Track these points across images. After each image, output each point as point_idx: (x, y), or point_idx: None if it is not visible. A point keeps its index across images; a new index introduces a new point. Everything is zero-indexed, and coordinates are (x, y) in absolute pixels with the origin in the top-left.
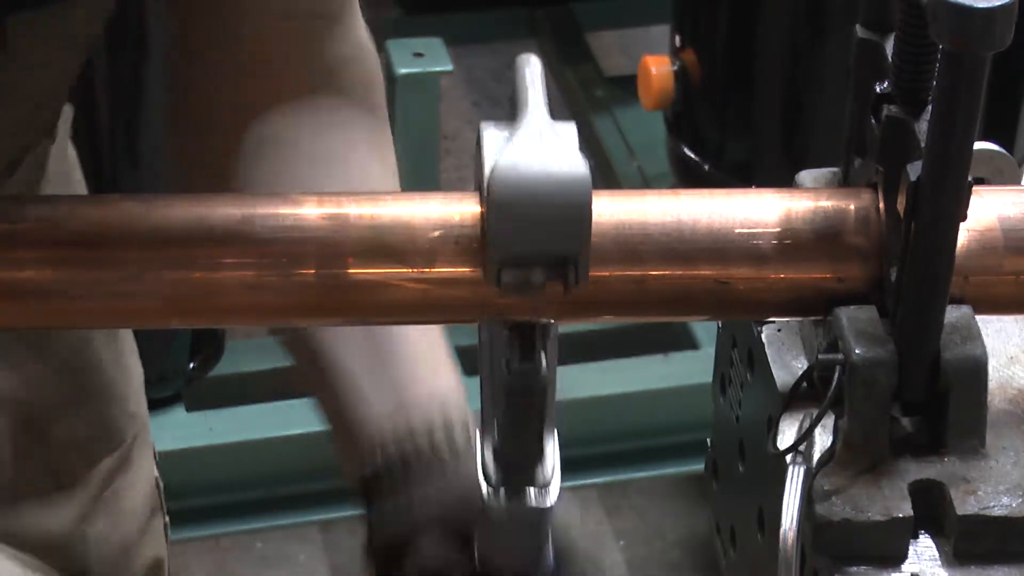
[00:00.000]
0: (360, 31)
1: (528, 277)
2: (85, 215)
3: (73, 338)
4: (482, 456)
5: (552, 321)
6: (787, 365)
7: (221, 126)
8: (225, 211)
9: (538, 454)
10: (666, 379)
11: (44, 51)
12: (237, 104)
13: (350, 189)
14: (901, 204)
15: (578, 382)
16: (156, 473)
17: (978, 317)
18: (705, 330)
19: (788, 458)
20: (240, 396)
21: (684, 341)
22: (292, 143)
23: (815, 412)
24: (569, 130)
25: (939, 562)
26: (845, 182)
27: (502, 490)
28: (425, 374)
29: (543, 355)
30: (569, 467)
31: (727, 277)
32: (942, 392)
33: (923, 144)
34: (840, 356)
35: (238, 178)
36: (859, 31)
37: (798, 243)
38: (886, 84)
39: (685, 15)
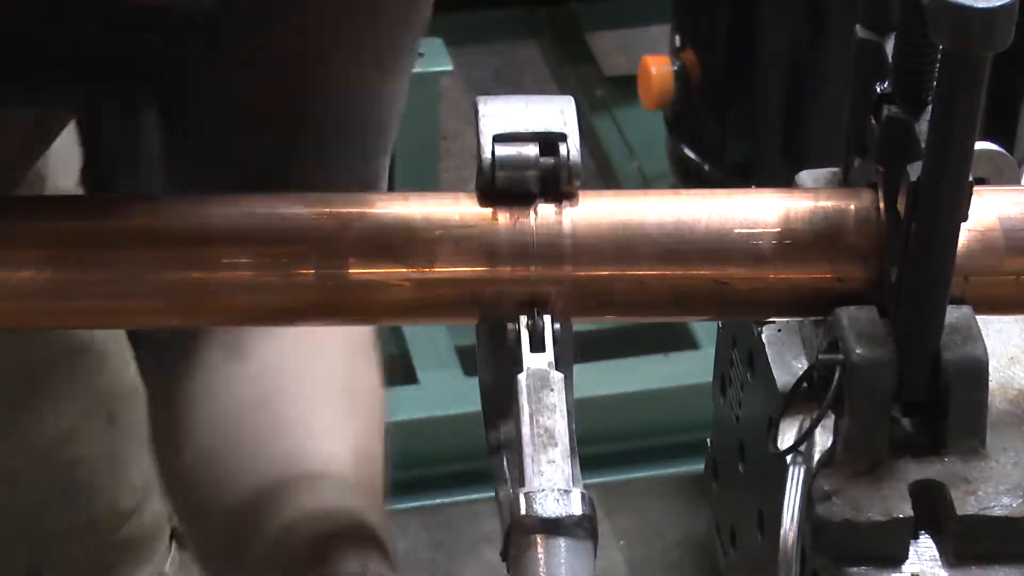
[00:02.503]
0: None
1: (522, 155)
2: (85, 215)
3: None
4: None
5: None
6: (787, 365)
7: None
8: (225, 211)
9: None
10: (666, 379)
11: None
12: None
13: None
14: (901, 204)
15: (578, 382)
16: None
17: (978, 317)
18: (705, 330)
19: (788, 458)
20: None
21: (684, 341)
22: None
23: (815, 412)
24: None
25: (939, 562)
26: (845, 182)
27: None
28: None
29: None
30: None
31: (727, 277)
32: (942, 392)
33: (923, 144)
34: (840, 356)
35: None
36: (859, 31)
37: (798, 243)
38: (886, 84)
39: (685, 15)
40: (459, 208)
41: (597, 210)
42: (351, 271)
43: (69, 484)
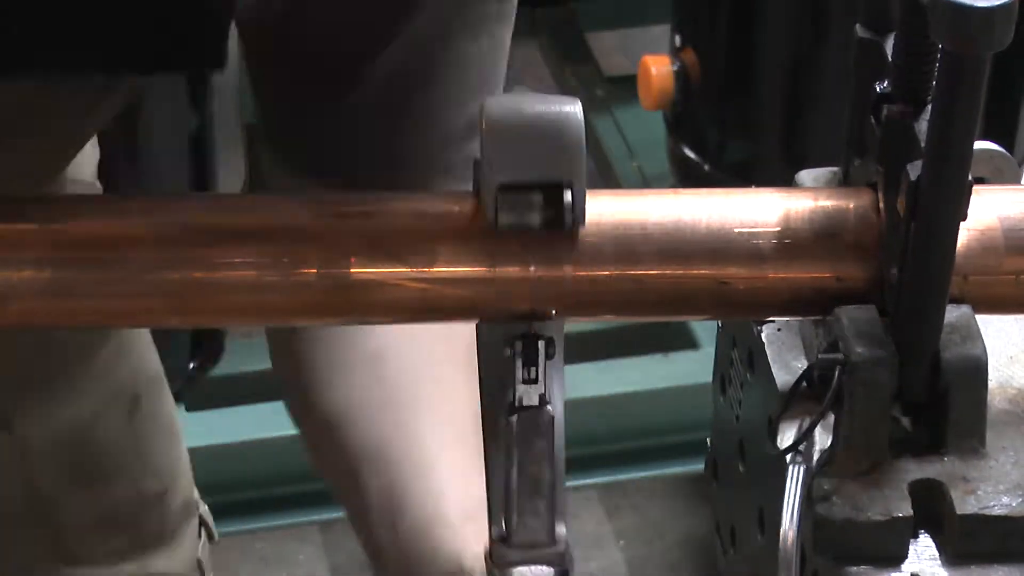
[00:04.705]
0: None
1: (526, 199)
2: (85, 215)
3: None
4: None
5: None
6: (787, 365)
7: None
8: (225, 210)
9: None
10: (666, 379)
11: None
12: None
13: None
14: (901, 204)
15: (578, 382)
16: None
17: (978, 317)
18: (705, 330)
19: (788, 458)
20: (240, 396)
21: (684, 341)
22: None
23: (815, 412)
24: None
25: (939, 562)
26: (845, 182)
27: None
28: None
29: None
30: (569, 467)
31: (727, 277)
32: (942, 392)
33: (923, 144)
34: (840, 356)
35: None
36: (859, 31)
37: (798, 243)
38: (886, 84)
39: (685, 15)
40: (459, 208)
41: (597, 210)
42: (352, 271)
43: (92, 468)
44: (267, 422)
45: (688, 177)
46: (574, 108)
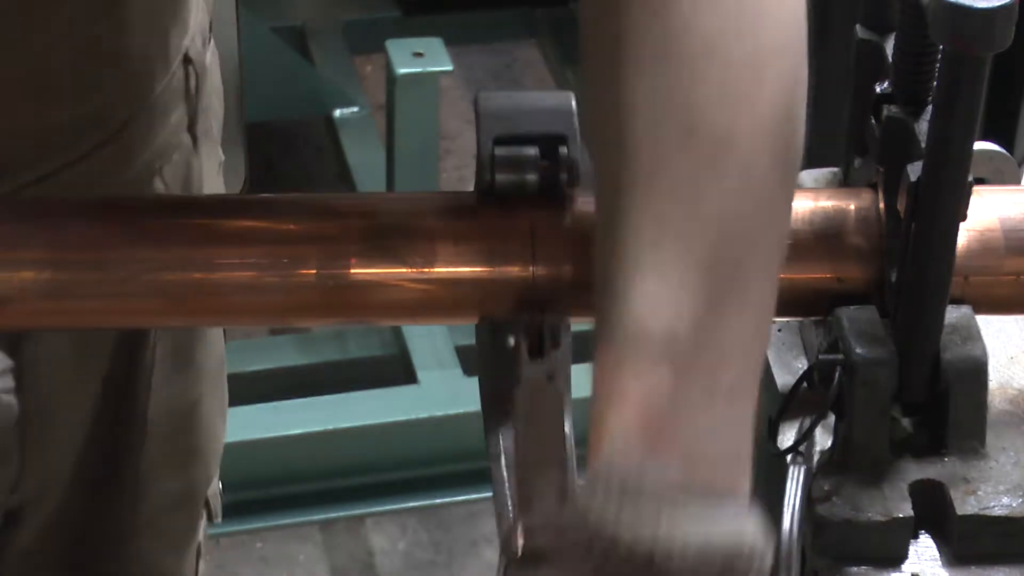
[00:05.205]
0: None
1: (522, 154)
2: (85, 215)
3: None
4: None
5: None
6: (787, 365)
7: None
8: (225, 211)
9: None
10: None
11: None
12: None
13: None
14: (901, 204)
15: (578, 382)
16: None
17: (978, 317)
18: None
19: (788, 458)
20: (240, 396)
21: None
22: None
23: (815, 412)
24: None
25: (939, 562)
26: (845, 182)
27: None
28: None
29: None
30: None
31: None
32: (942, 392)
33: (923, 144)
34: (840, 356)
35: None
36: (859, 31)
37: (798, 243)
38: (886, 84)
39: None
40: (459, 208)
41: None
42: (351, 271)
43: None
44: (267, 422)
45: None
46: (565, 92)
